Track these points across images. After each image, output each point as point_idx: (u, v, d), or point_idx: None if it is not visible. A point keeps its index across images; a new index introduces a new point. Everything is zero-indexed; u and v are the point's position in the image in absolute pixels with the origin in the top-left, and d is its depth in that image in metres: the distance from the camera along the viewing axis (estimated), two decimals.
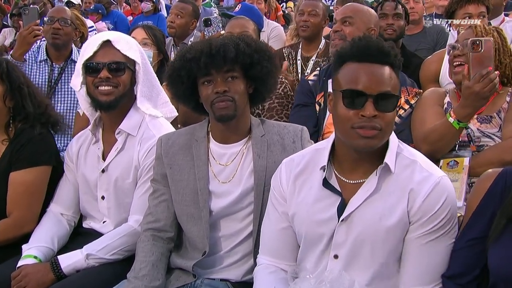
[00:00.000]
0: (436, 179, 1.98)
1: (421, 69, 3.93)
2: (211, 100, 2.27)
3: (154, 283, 2.31)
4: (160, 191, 2.46)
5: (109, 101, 2.63)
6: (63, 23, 4.12)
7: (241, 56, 2.27)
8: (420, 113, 2.99)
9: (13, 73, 2.84)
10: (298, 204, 2.11)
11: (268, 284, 2.11)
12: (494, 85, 2.57)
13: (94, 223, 2.81)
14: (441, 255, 1.99)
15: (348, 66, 1.99)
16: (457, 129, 2.69)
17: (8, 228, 2.73)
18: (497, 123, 2.83)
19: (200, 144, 2.43)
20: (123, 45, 2.68)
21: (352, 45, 2.02)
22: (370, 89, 1.91)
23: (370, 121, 1.90)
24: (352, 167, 2.05)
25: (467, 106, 2.64)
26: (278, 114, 3.63)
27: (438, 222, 1.97)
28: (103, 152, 2.76)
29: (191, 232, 2.41)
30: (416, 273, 1.99)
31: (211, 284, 2.37)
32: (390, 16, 4.20)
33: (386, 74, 1.95)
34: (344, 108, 1.94)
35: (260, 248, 2.24)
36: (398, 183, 2.00)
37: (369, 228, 1.99)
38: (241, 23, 4.00)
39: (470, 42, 2.60)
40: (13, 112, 2.85)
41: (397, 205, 1.98)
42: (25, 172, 2.77)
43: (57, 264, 2.51)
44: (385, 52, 1.98)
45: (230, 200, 2.37)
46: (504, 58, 2.88)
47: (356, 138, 1.93)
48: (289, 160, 2.20)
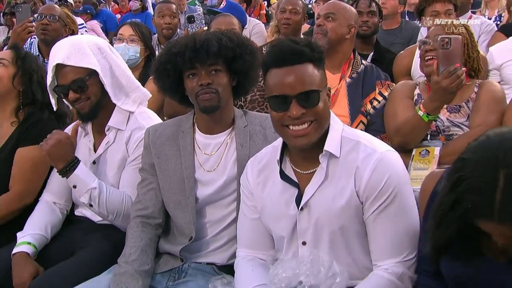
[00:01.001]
0: (379, 155, 1.97)
1: (394, 63, 3.96)
2: (195, 92, 2.26)
3: (144, 267, 2.30)
4: (148, 180, 2.44)
5: (87, 113, 2.61)
6: (51, 19, 4.09)
7: (223, 50, 2.26)
8: (392, 107, 3.01)
9: (27, 60, 2.89)
10: (264, 198, 2.12)
11: (247, 269, 2.13)
12: (461, 81, 2.59)
13: (85, 211, 2.77)
14: (400, 227, 1.97)
15: (270, 73, 1.99)
16: (427, 122, 2.72)
17: (10, 201, 2.75)
18: (465, 112, 2.85)
19: (186, 134, 2.41)
20: (75, 58, 2.54)
21: (269, 53, 2.03)
22: (291, 90, 1.92)
23: (299, 118, 1.92)
24: (302, 159, 2.06)
25: (435, 100, 2.67)
26: (260, 106, 3.61)
27: (387, 197, 1.95)
28: (94, 144, 2.74)
29: (178, 218, 2.40)
30: (382, 247, 1.98)
31: (198, 267, 2.36)
32: (364, 13, 4.20)
33: (305, 72, 1.95)
34: (274, 112, 1.97)
35: (238, 242, 2.25)
36: (345, 166, 1.99)
37: (325, 212, 1.99)
38: (228, 21, 3.99)
39: (440, 39, 2.61)
40: (23, 97, 2.87)
41: (346, 186, 1.98)
42: (33, 148, 2.76)
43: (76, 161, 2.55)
44: (299, 52, 1.96)
45: (215, 188, 2.36)
46: (472, 53, 2.91)
47: (289, 137, 1.97)
48: (254, 158, 2.22)
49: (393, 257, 1.97)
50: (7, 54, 2.92)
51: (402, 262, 1.97)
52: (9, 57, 2.89)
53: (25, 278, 2.41)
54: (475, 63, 2.92)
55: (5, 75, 2.84)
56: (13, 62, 2.87)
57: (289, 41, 2.03)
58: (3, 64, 2.85)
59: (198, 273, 2.34)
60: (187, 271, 2.36)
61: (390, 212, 1.96)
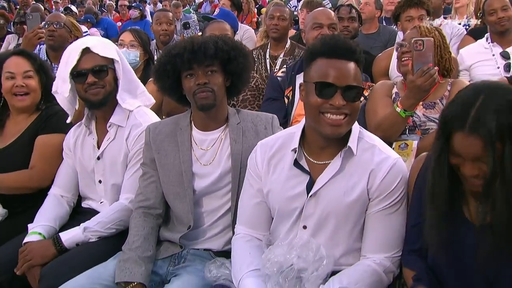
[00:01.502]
0: (393, 161, 2.00)
1: (373, 65, 3.96)
2: (193, 91, 2.27)
3: (146, 253, 2.29)
4: (149, 173, 2.43)
5: (99, 100, 2.62)
6: (57, 26, 4.12)
7: (219, 52, 2.26)
8: (372, 105, 3.01)
9: (44, 64, 2.97)
10: (272, 182, 2.11)
11: (245, 251, 2.12)
12: (433, 79, 2.60)
13: (92, 203, 2.77)
14: (397, 227, 2.01)
15: (319, 61, 1.98)
16: (404, 117, 2.73)
17: (31, 177, 2.80)
18: (439, 108, 2.85)
19: (184, 131, 2.41)
20: (101, 48, 2.63)
21: (322, 43, 2.02)
22: (339, 81, 1.93)
23: (339, 109, 1.92)
24: (319, 150, 2.05)
25: (411, 97, 2.68)
26: (251, 105, 3.62)
27: (394, 199, 1.99)
28: (97, 141, 2.73)
29: (177, 208, 2.40)
30: (377, 242, 2.01)
31: (196, 253, 2.36)
32: (345, 19, 4.20)
33: (352, 69, 1.96)
34: (316, 97, 1.95)
35: (238, 220, 2.24)
36: (359, 164, 2.01)
37: (333, 203, 2.00)
38: (221, 26, 3.98)
39: (413, 41, 2.62)
40: (44, 95, 2.94)
41: (358, 183, 1.99)
42: (53, 136, 2.85)
43: (59, 240, 2.48)
44: (352, 50, 1.98)
45: (211, 180, 2.35)
46: (444, 53, 2.92)
47: (324, 124, 1.95)
48: (264, 143, 2.20)
49: (384, 252, 2.00)
50: (26, 64, 2.91)
51: (391, 257, 2.00)
52: (30, 66, 2.90)
53: (49, 258, 2.43)
54: (447, 63, 2.94)
55: (37, 86, 2.91)
56: (36, 71, 2.90)
57: (344, 38, 2.06)
58: (30, 76, 2.89)
59: (196, 258, 2.34)
60: (186, 256, 2.36)
61: (392, 212, 2.00)
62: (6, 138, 2.91)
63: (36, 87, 2.90)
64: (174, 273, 2.32)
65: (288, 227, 2.09)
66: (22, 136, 2.88)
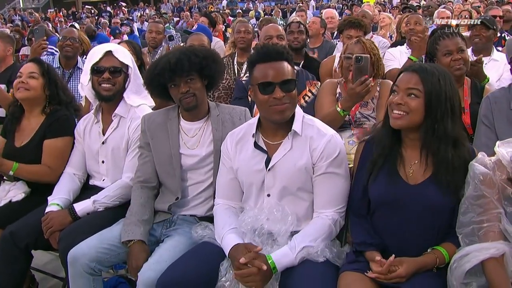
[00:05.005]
0: (329, 136, 2.03)
1: (320, 67, 3.97)
2: (179, 98, 2.28)
3: (144, 217, 2.29)
4: (145, 154, 2.42)
5: (108, 95, 2.60)
6: (73, 41, 4.08)
7: (192, 65, 2.26)
8: (319, 101, 2.99)
9: (51, 71, 2.84)
10: (239, 161, 2.13)
11: (225, 216, 2.13)
12: (368, 88, 2.61)
13: (96, 181, 2.72)
14: (340, 187, 2.04)
15: (257, 67, 2.01)
16: (342, 116, 2.72)
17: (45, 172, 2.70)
18: (371, 107, 2.88)
19: (173, 121, 2.39)
20: (120, 54, 2.63)
21: (257, 52, 2.05)
22: (275, 79, 1.96)
23: (281, 99, 1.95)
24: (273, 133, 2.08)
25: (349, 101, 2.67)
26: (224, 101, 3.63)
27: (337, 165, 2.02)
28: (102, 129, 2.69)
29: (167, 184, 2.38)
30: (326, 200, 2.04)
31: (184, 218, 2.36)
32: (295, 32, 4.19)
33: (285, 66, 2.00)
34: (261, 95, 1.98)
35: (216, 193, 2.24)
36: (303, 140, 2.05)
37: (286, 172, 2.03)
38: (199, 38, 3.99)
39: (354, 57, 2.63)
40: (49, 99, 2.80)
41: (303, 154, 2.02)
42: (57, 140, 2.73)
43: (73, 210, 2.46)
44: (280, 52, 2.01)
45: (196, 160, 2.35)
46: (379, 61, 2.95)
47: (272, 113, 1.98)
48: (231, 133, 2.22)
49: (332, 207, 2.03)
50: (34, 67, 2.80)
51: (338, 211, 2.03)
52: (36, 70, 2.79)
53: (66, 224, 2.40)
54: (380, 69, 2.96)
55: (38, 86, 2.77)
56: (41, 74, 2.79)
57: (272, 44, 2.08)
58: (34, 77, 2.77)
59: (184, 222, 2.34)
60: (175, 221, 2.35)
61: (335, 174, 2.02)
62: (23, 136, 2.78)
63: (37, 86, 2.75)
64: (167, 235, 2.31)
65: (256, 197, 2.10)
66: (34, 137, 2.75)
